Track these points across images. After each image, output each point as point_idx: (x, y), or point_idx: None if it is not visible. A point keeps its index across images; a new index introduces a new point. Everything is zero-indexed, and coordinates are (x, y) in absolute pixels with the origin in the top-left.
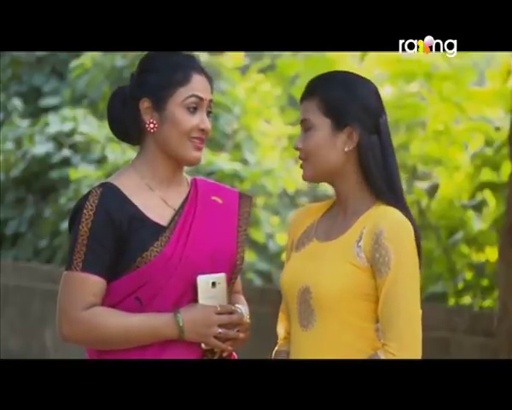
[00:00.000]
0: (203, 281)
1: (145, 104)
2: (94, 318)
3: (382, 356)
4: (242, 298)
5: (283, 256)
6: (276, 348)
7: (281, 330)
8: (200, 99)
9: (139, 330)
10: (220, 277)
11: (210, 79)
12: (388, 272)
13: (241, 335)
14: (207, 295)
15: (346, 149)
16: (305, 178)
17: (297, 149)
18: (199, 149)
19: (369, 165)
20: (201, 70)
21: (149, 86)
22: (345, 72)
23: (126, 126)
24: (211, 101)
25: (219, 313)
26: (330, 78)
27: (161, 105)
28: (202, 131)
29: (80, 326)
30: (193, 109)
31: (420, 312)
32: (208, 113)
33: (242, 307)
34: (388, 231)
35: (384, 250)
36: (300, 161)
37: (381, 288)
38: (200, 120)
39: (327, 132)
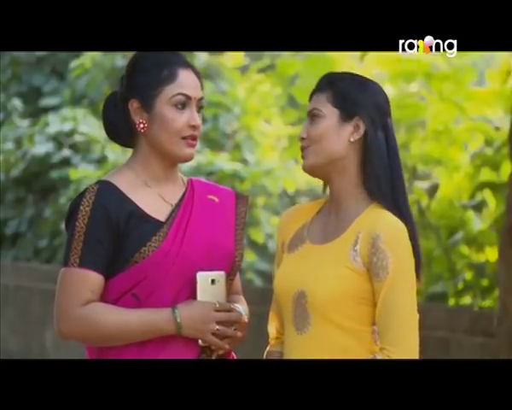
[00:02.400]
0: (202, 278)
1: (134, 105)
2: (92, 314)
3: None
4: (242, 298)
5: None
6: (268, 348)
7: (272, 329)
8: (188, 97)
9: (138, 325)
10: (220, 275)
11: (198, 75)
12: (387, 277)
13: (239, 333)
14: (206, 293)
15: (351, 140)
16: (305, 166)
17: (301, 139)
18: (191, 145)
19: (372, 160)
20: (188, 65)
21: (137, 87)
22: (358, 74)
23: (118, 128)
24: (201, 97)
25: (218, 311)
26: (343, 74)
27: (149, 105)
28: (193, 127)
29: (78, 323)
30: (181, 106)
31: (417, 315)
32: (199, 108)
33: (241, 307)
34: (386, 236)
35: (382, 254)
36: (302, 154)
37: (378, 291)
38: (190, 117)
39: (334, 121)
